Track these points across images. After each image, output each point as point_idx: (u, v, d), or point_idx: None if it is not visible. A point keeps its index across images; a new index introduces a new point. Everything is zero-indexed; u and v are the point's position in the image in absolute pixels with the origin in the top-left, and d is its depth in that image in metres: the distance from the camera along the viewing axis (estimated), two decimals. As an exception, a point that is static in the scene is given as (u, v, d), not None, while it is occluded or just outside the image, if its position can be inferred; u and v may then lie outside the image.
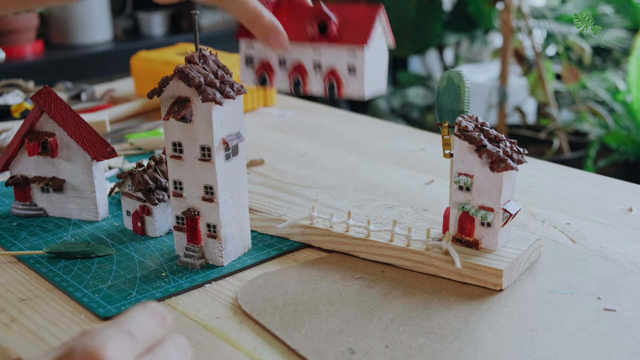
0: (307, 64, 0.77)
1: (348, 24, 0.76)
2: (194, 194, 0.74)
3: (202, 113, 0.70)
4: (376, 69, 0.77)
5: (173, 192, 0.75)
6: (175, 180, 0.75)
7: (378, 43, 0.76)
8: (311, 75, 0.77)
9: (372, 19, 0.75)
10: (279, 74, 0.78)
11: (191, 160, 0.73)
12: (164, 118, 0.72)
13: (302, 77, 0.77)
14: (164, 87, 0.72)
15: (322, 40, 0.76)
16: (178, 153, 0.73)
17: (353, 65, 0.75)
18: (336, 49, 0.75)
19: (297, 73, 0.77)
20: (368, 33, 0.74)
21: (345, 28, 0.75)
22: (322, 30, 0.76)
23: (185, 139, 0.72)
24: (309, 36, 0.76)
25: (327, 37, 0.75)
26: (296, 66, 0.77)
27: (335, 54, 0.75)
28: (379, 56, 0.77)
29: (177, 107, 0.71)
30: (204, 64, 0.72)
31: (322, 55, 0.76)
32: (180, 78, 0.70)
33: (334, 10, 0.77)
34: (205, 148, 0.72)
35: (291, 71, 0.77)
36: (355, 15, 0.76)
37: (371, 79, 0.76)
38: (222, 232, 0.74)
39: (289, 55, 0.78)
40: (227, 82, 0.72)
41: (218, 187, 0.73)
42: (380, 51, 0.77)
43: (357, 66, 0.75)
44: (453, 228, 0.73)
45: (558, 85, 2.81)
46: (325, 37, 0.75)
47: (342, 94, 0.76)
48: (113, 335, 0.44)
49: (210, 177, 0.73)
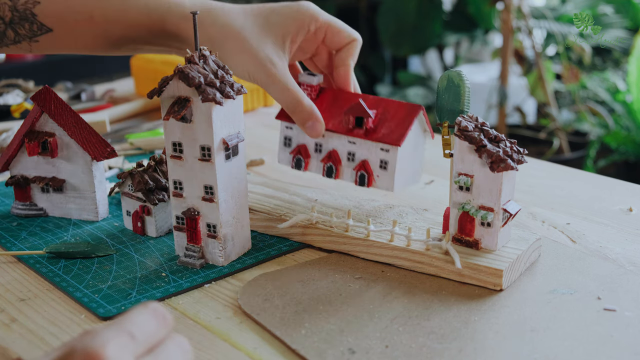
0: (341, 152, 0.79)
1: (386, 119, 0.78)
2: (194, 194, 0.74)
3: (202, 113, 0.70)
4: (410, 165, 0.79)
5: (173, 192, 0.75)
6: (175, 180, 0.75)
7: (414, 141, 0.78)
8: (344, 164, 0.79)
9: (411, 119, 0.77)
10: (314, 160, 0.80)
11: (191, 160, 0.73)
12: (164, 118, 0.72)
13: (335, 165, 0.79)
14: (164, 87, 0.71)
15: (357, 133, 0.77)
16: (178, 153, 0.73)
17: (385, 161, 0.76)
18: (370, 143, 0.76)
19: (331, 161, 0.79)
20: (404, 133, 0.76)
21: (382, 123, 0.77)
22: (358, 123, 0.77)
23: (185, 139, 0.72)
24: (346, 127, 0.77)
25: (363, 131, 0.76)
26: (331, 153, 0.79)
27: (369, 148, 0.77)
28: (414, 153, 0.79)
29: (177, 107, 0.71)
30: (204, 64, 0.72)
31: (356, 147, 0.77)
32: (180, 78, 0.70)
33: (375, 101, 0.79)
34: (205, 148, 0.72)
35: (325, 157, 0.79)
36: (394, 111, 0.78)
37: (403, 175, 0.78)
38: (222, 232, 0.74)
39: (325, 142, 0.79)
40: (227, 82, 0.72)
41: (218, 187, 0.73)
42: (416, 148, 0.79)
43: (390, 162, 0.76)
44: (453, 228, 0.73)
45: (558, 85, 2.81)
46: (361, 130, 0.76)
47: (372, 185, 0.77)
48: (113, 336, 0.44)
49: (210, 177, 0.73)
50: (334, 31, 0.83)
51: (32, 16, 0.80)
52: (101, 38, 0.84)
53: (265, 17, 0.82)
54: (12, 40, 0.82)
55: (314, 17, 0.82)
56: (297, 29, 0.82)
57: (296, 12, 0.82)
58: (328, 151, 0.80)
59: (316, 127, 0.79)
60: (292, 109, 0.79)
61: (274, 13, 0.82)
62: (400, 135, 0.76)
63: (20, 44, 0.82)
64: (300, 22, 0.82)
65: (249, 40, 0.80)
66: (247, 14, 0.82)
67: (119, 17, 0.82)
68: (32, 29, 0.81)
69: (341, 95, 0.82)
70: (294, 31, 0.82)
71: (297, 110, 0.79)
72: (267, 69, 0.79)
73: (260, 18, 0.82)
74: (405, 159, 0.77)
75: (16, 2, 0.80)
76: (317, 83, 0.83)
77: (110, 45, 0.85)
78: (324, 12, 0.84)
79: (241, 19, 0.81)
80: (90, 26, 0.82)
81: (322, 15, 0.83)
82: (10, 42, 0.82)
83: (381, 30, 3.03)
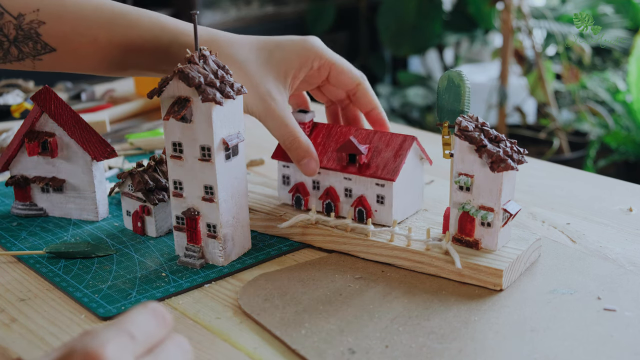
0: (338, 189, 0.79)
1: (379, 152, 0.77)
2: (194, 194, 0.74)
3: (202, 113, 0.70)
4: (409, 195, 0.79)
5: (173, 192, 0.75)
6: (175, 180, 0.75)
7: (410, 172, 0.78)
8: (342, 200, 0.79)
9: (405, 151, 0.76)
10: (313, 197, 0.80)
11: (191, 160, 0.73)
12: (164, 118, 0.72)
13: (334, 202, 0.79)
14: (164, 87, 0.71)
15: (351, 169, 0.77)
16: (178, 153, 0.73)
17: (382, 196, 0.76)
18: (365, 179, 0.76)
19: (329, 198, 0.79)
20: (398, 167, 0.76)
21: (376, 157, 0.77)
22: (351, 159, 0.77)
23: (185, 139, 0.72)
24: (340, 164, 0.77)
25: (357, 167, 0.76)
26: (328, 190, 0.79)
27: (364, 184, 0.77)
28: (412, 183, 0.79)
29: (177, 107, 0.71)
30: (204, 64, 0.72)
31: (352, 183, 0.77)
32: (180, 78, 0.70)
33: (367, 134, 0.79)
34: (205, 148, 0.71)
35: (323, 195, 0.79)
36: (387, 143, 0.78)
37: (402, 206, 0.78)
38: (222, 232, 0.74)
39: (322, 180, 0.79)
40: (227, 82, 0.72)
41: (218, 187, 0.73)
42: (413, 177, 0.79)
43: (386, 197, 0.76)
44: (453, 228, 0.73)
45: (558, 85, 2.81)
46: (355, 167, 0.77)
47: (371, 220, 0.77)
48: (113, 336, 0.44)
49: (210, 177, 0.72)
50: (338, 70, 0.84)
51: (36, 36, 0.80)
52: (105, 61, 0.83)
53: (270, 52, 0.81)
54: (16, 58, 0.82)
55: (318, 54, 0.82)
56: (300, 66, 0.82)
57: (301, 48, 0.82)
58: (325, 188, 0.80)
59: (311, 164, 0.79)
60: (289, 145, 0.79)
61: (278, 48, 0.82)
62: (395, 169, 0.75)
63: (23, 61, 0.83)
64: (304, 59, 0.81)
65: (251, 73, 0.80)
66: (252, 47, 0.82)
67: (123, 42, 0.81)
68: (35, 48, 0.81)
69: (334, 130, 0.81)
70: (297, 67, 0.81)
71: (294, 147, 0.79)
72: (267, 103, 0.79)
73: (265, 52, 0.81)
74: (403, 191, 0.77)
75: (21, 20, 0.80)
76: (310, 120, 0.82)
77: (113, 68, 0.85)
78: (329, 50, 0.84)
79: (245, 51, 0.81)
80: (94, 49, 0.82)
81: (327, 52, 0.83)
82: (14, 59, 0.82)
83: (381, 30, 3.03)
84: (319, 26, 3.18)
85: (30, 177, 0.88)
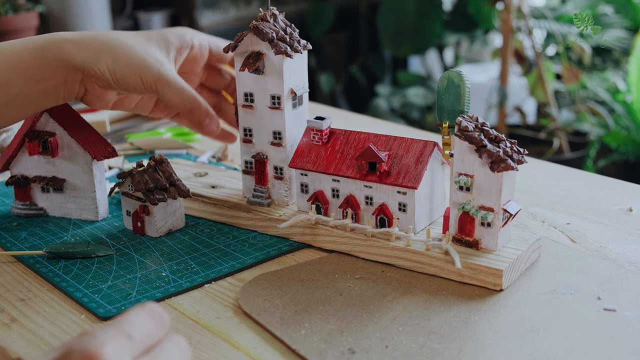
0: (359, 197, 0.78)
1: (400, 159, 0.76)
2: (262, 139, 0.82)
3: (274, 65, 0.78)
4: (431, 201, 0.77)
5: (243, 139, 0.83)
6: (245, 127, 0.83)
7: (431, 177, 0.76)
8: (363, 208, 0.78)
9: (426, 157, 0.75)
10: (333, 205, 0.79)
11: (261, 108, 0.81)
12: (240, 69, 0.79)
13: (354, 210, 0.78)
14: (239, 42, 0.79)
15: (372, 177, 0.76)
16: (249, 102, 0.81)
17: (404, 204, 0.75)
18: (387, 187, 0.75)
19: (350, 206, 0.78)
20: (421, 174, 0.74)
21: (397, 164, 0.75)
22: (371, 167, 0.76)
23: (257, 89, 0.80)
24: (360, 172, 0.76)
25: (377, 175, 0.75)
26: (348, 198, 0.78)
27: (386, 192, 0.76)
28: (433, 188, 0.77)
29: (251, 60, 0.78)
30: (274, 21, 0.79)
31: (373, 191, 0.76)
32: (255, 33, 0.77)
33: (387, 140, 0.77)
34: (275, 97, 0.79)
35: (344, 203, 0.78)
36: (408, 149, 0.76)
37: (424, 213, 0.77)
38: (288, 174, 0.82)
39: (342, 187, 0.78)
40: (294, 38, 0.79)
41: (286, 133, 0.80)
42: (434, 183, 0.77)
43: (408, 204, 0.75)
44: (453, 228, 0.73)
45: (558, 85, 2.81)
46: (376, 175, 0.76)
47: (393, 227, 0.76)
48: (111, 336, 0.44)
49: (279, 123, 0.80)
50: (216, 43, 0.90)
51: None
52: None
53: (147, 35, 0.85)
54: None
55: (195, 33, 0.89)
56: (180, 42, 0.86)
57: (178, 30, 0.88)
58: (345, 196, 0.78)
59: (213, 124, 0.84)
60: (190, 107, 0.81)
61: (153, 32, 0.86)
62: (417, 176, 0.74)
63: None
64: (182, 38, 0.86)
65: (135, 46, 0.81)
66: (128, 33, 0.84)
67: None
68: None
69: (352, 137, 0.79)
70: (177, 43, 0.86)
71: (195, 109, 0.82)
72: (157, 69, 0.80)
73: (143, 36, 0.84)
74: (425, 198, 0.76)
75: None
76: (327, 126, 0.80)
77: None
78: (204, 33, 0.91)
79: (123, 35, 0.83)
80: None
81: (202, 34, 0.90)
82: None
83: (381, 30, 3.03)
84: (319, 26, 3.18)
85: (31, 177, 0.88)
